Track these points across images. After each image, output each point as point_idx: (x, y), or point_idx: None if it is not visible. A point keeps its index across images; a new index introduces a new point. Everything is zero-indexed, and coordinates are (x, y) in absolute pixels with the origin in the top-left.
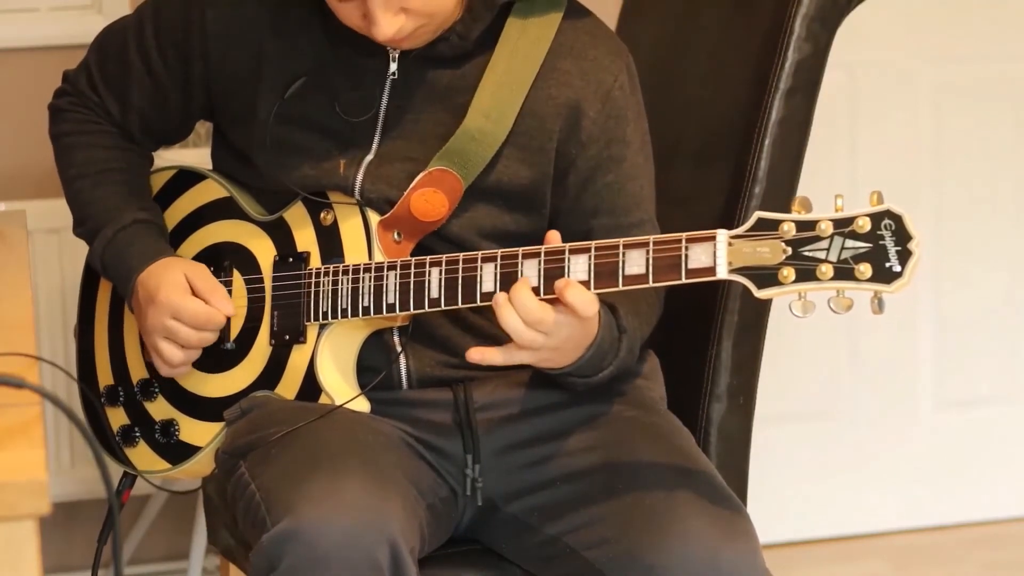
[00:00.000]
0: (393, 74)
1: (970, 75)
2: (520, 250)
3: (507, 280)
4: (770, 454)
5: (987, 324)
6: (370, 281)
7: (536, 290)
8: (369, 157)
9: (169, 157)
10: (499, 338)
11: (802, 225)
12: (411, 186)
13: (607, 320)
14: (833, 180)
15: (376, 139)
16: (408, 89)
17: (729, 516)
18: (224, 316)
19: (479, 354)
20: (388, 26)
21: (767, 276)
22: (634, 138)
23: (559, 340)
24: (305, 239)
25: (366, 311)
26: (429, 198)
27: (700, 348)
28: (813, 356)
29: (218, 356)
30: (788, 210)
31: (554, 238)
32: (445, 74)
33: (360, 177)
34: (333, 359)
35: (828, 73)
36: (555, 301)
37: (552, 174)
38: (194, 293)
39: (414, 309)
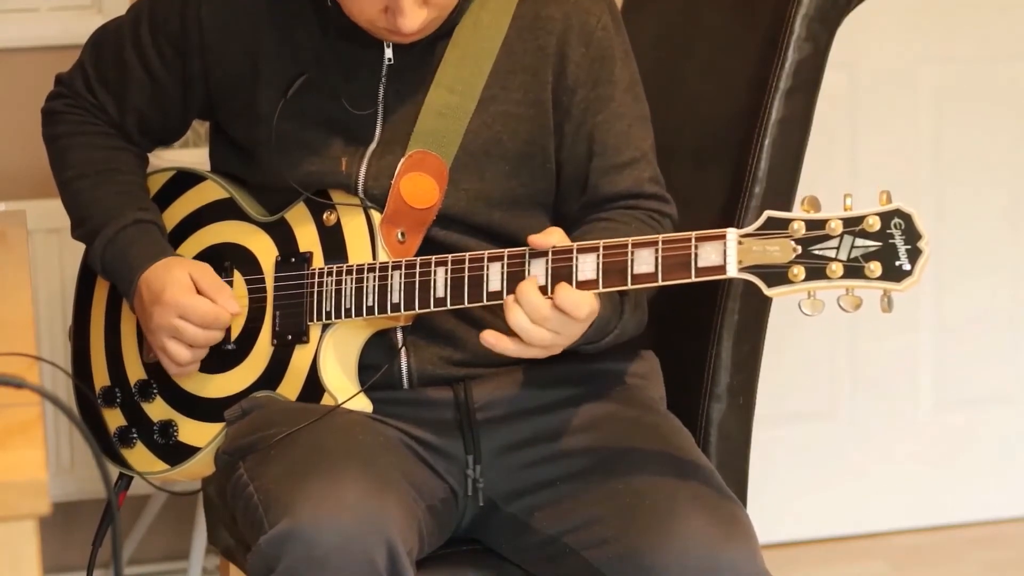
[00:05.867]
0: (389, 60)
1: (970, 75)
2: (527, 249)
3: (514, 279)
4: (770, 454)
5: (988, 323)
6: (374, 281)
7: (544, 289)
8: (372, 146)
9: (168, 157)
10: (505, 331)
11: (812, 224)
12: (395, 173)
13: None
14: (833, 180)
15: (378, 127)
16: (405, 73)
17: (729, 516)
18: (230, 315)
19: (494, 338)
20: (415, 19)
21: (777, 275)
22: (621, 78)
23: (569, 336)
24: (307, 239)
25: (370, 311)
26: (417, 182)
27: (700, 348)
28: (813, 356)
29: (219, 356)
30: (795, 209)
31: (554, 237)
32: (437, 48)
33: (363, 173)
34: (336, 359)
35: (828, 73)
36: None
37: (551, 125)
38: (199, 292)
39: (419, 309)
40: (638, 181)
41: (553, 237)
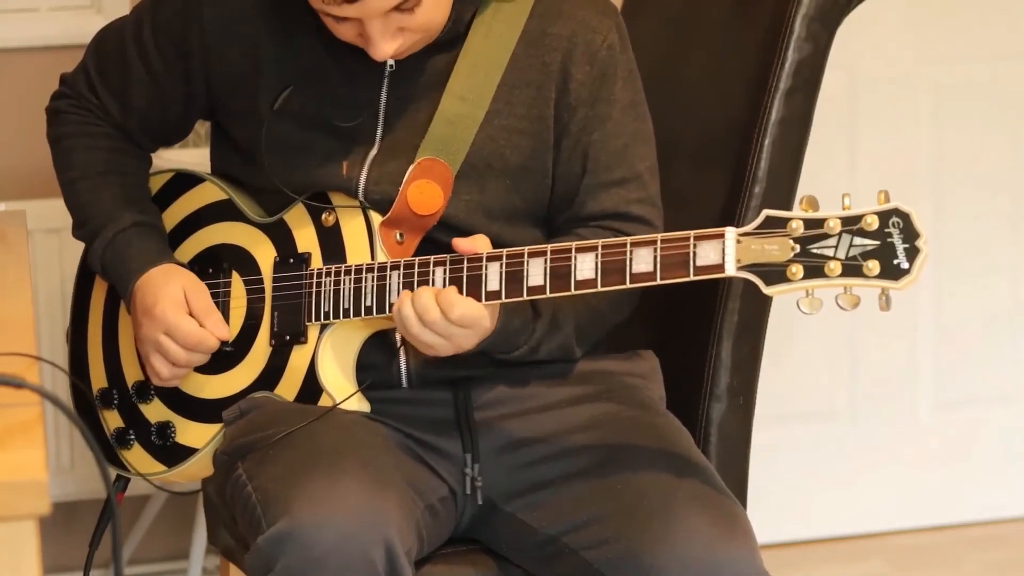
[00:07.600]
0: (392, 67)
1: (970, 76)
2: (526, 249)
3: (512, 278)
4: (770, 454)
5: (987, 324)
6: (373, 281)
7: (543, 288)
8: (373, 153)
9: (168, 157)
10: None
11: (810, 223)
12: (404, 180)
13: (512, 308)
14: (833, 180)
15: (379, 133)
16: (407, 79)
17: (728, 516)
18: (216, 341)
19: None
20: (386, 47)
21: (775, 273)
22: (621, 97)
23: (459, 344)
24: (306, 240)
25: (368, 311)
26: (424, 189)
27: (700, 348)
28: (813, 356)
29: (217, 357)
30: (794, 208)
31: (479, 244)
32: (441, 58)
33: (364, 177)
34: (334, 359)
35: (828, 73)
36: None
37: (551, 141)
38: (190, 312)
39: None
40: (623, 201)
41: (478, 243)
